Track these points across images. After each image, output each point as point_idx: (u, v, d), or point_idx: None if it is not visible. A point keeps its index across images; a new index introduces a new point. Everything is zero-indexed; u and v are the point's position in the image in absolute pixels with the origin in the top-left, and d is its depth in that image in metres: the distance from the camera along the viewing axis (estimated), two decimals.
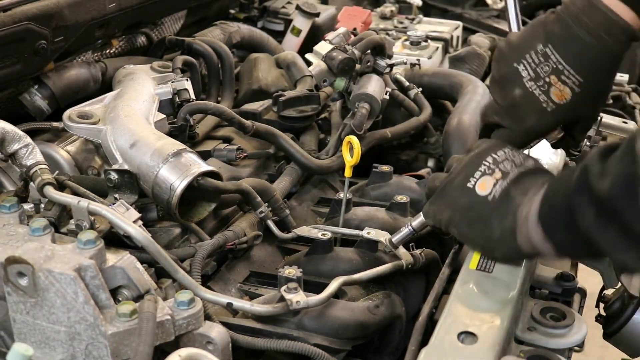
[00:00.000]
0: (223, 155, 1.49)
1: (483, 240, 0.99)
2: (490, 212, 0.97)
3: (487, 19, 2.57)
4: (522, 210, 0.94)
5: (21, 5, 1.37)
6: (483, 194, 0.99)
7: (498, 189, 0.98)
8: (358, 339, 1.14)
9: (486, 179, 0.99)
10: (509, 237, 0.95)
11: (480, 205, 0.98)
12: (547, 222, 0.91)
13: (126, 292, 1.02)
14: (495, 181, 0.98)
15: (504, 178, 0.98)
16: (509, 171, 0.99)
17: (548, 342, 1.03)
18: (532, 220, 0.92)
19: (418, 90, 1.75)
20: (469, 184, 1.00)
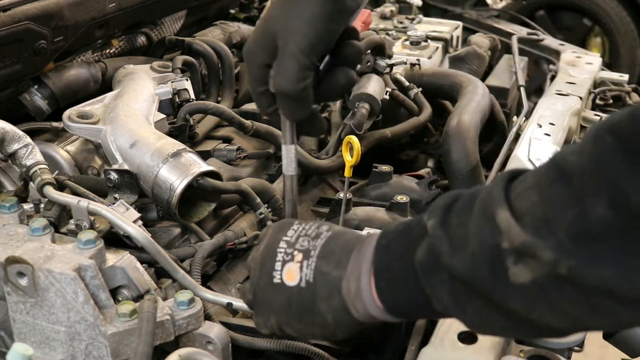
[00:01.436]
0: (223, 155, 1.49)
1: (320, 329, 0.88)
2: (311, 299, 0.86)
3: (487, 19, 2.57)
4: (349, 286, 0.83)
5: (21, 5, 1.37)
6: (294, 283, 0.87)
7: (307, 272, 0.86)
8: (358, 339, 1.14)
9: (289, 266, 0.87)
10: (344, 316, 0.85)
11: (298, 296, 0.87)
12: (388, 300, 0.81)
13: (126, 292, 1.02)
14: (299, 265, 0.87)
15: (307, 257, 0.87)
16: (308, 248, 0.88)
17: (548, 342, 1.03)
18: (367, 297, 0.82)
19: (418, 90, 1.75)
20: (274, 280, 0.88)
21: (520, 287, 0.67)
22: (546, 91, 1.80)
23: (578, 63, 1.97)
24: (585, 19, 4.56)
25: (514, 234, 0.67)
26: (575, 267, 0.63)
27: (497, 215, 0.68)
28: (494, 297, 0.70)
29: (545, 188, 0.66)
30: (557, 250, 0.64)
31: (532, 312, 0.69)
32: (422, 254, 0.77)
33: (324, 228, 0.90)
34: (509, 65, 2.12)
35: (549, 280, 0.66)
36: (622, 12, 4.42)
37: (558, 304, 0.67)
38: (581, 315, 0.67)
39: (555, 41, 2.27)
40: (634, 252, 0.61)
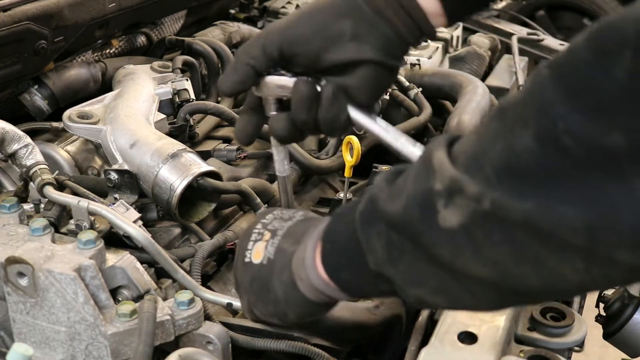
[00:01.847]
0: (223, 155, 1.49)
1: (273, 307, 0.87)
2: (268, 275, 0.86)
3: (487, 19, 2.57)
4: (297, 257, 0.83)
5: (21, 5, 1.37)
6: (258, 261, 0.87)
7: (270, 249, 0.87)
8: (358, 339, 1.14)
9: (257, 245, 0.88)
10: (292, 290, 0.84)
11: (259, 273, 0.87)
12: (329, 263, 0.80)
13: (126, 292, 1.02)
14: (265, 244, 0.87)
15: (274, 236, 0.87)
16: (277, 228, 0.88)
17: (548, 342, 1.03)
18: (309, 263, 0.81)
19: (418, 90, 1.75)
20: (245, 259, 0.89)
21: (449, 231, 0.65)
22: None
23: None
24: (585, 19, 4.56)
25: (445, 172, 0.65)
26: (498, 200, 0.60)
27: (433, 156, 0.67)
28: (423, 242, 0.68)
29: (483, 126, 0.65)
30: (482, 185, 0.62)
31: (457, 258, 0.66)
32: (362, 205, 0.75)
33: (299, 213, 0.91)
34: (509, 66, 2.12)
35: (474, 221, 0.63)
36: None
37: (484, 247, 0.64)
38: (506, 259, 0.63)
39: (555, 41, 2.27)
40: (556, 184, 0.58)
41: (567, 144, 0.57)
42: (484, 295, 0.69)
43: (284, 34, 0.91)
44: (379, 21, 0.88)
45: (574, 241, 0.58)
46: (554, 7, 4.59)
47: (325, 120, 0.92)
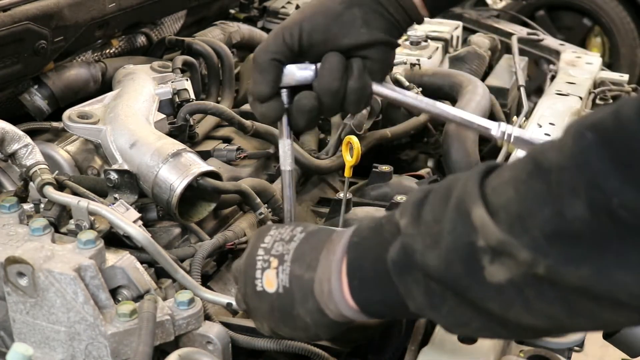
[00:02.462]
0: (223, 155, 1.49)
1: (303, 332, 0.88)
2: (289, 304, 0.86)
3: (487, 19, 2.57)
4: (321, 288, 0.83)
5: (21, 5, 1.37)
6: (272, 290, 0.87)
7: (283, 277, 0.86)
8: (358, 339, 1.14)
9: (267, 273, 0.88)
10: (320, 317, 0.85)
11: (278, 303, 0.87)
12: (361, 299, 0.81)
13: (126, 292, 1.02)
14: (276, 271, 0.87)
15: (282, 262, 0.87)
16: (282, 252, 0.88)
17: (548, 342, 1.03)
18: (338, 297, 0.82)
19: (418, 90, 1.75)
20: (257, 288, 0.88)
21: (497, 286, 0.66)
22: (546, 91, 1.80)
23: (578, 63, 1.97)
24: (585, 19, 4.56)
25: (490, 232, 0.65)
26: (553, 267, 0.62)
27: (472, 211, 0.67)
28: (469, 296, 0.69)
29: (522, 183, 0.65)
30: (534, 250, 0.63)
31: (508, 312, 0.68)
32: (394, 253, 0.75)
33: (298, 230, 0.90)
34: (509, 65, 2.12)
35: (526, 280, 0.64)
36: (622, 12, 4.42)
37: (535, 303, 0.66)
38: (559, 315, 0.66)
39: (555, 41, 2.27)
40: (612, 252, 0.60)
41: (622, 216, 0.58)
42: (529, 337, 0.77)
43: (302, 25, 1.00)
44: (382, 9, 1.01)
45: (632, 303, 0.61)
46: (554, 7, 4.60)
47: (355, 90, 1.01)
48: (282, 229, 0.91)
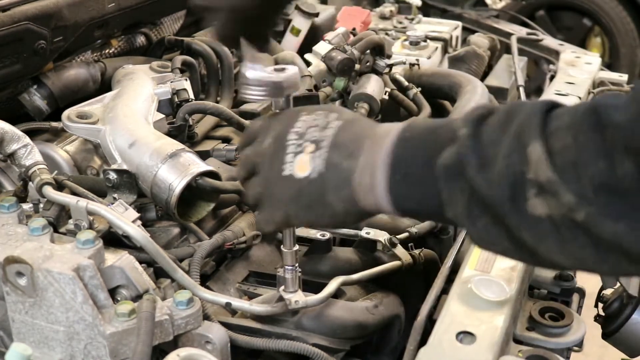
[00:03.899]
0: (222, 155, 1.49)
1: (329, 218, 0.88)
2: (321, 189, 0.85)
3: (486, 19, 2.57)
4: (361, 179, 0.83)
5: (20, 5, 1.37)
6: (304, 175, 0.85)
7: (319, 162, 0.85)
8: (357, 339, 1.14)
9: (300, 158, 0.86)
10: (353, 206, 0.85)
11: (308, 188, 0.86)
12: (398, 193, 0.81)
13: (125, 292, 1.02)
14: (311, 157, 0.85)
15: (319, 148, 0.85)
16: (319, 138, 0.86)
17: (547, 342, 1.03)
18: (380, 190, 0.81)
19: (417, 90, 1.76)
20: (284, 172, 0.87)
21: (535, 218, 0.69)
22: (545, 91, 1.80)
23: (577, 63, 1.97)
24: (585, 19, 4.57)
25: (542, 169, 0.68)
26: (592, 216, 0.65)
27: (530, 145, 0.69)
28: (508, 221, 0.71)
29: (581, 133, 0.67)
30: (579, 196, 0.66)
31: (539, 245, 0.71)
32: (448, 159, 0.76)
33: (332, 116, 0.88)
34: (508, 66, 2.12)
35: (563, 221, 0.67)
36: (622, 12, 4.42)
37: (568, 244, 0.69)
38: (587, 258, 0.69)
39: (554, 41, 2.27)
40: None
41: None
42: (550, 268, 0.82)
43: None
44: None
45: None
46: (554, 7, 4.60)
47: None
48: (314, 114, 0.90)
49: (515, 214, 0.70)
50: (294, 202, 0.88)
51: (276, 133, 0.90)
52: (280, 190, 0.88)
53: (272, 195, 0.90)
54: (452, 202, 0.76)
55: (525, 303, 1.10)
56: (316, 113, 0.90)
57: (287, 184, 0.87)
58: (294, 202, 0.88)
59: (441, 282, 1.11)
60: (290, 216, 0.90)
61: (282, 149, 0.88)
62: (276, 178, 0.88)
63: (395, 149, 0.81)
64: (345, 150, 0.84)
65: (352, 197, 0.84)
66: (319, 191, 0.85)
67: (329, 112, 0.89)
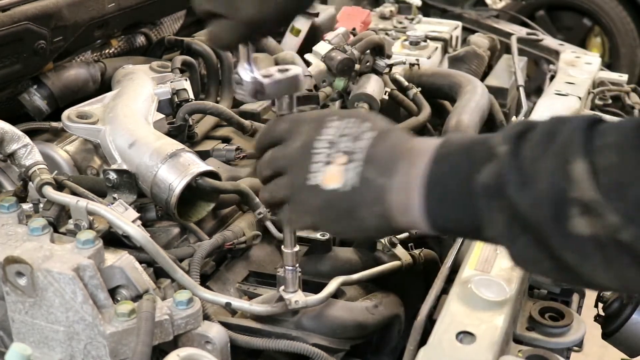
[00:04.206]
0: (222, 155, 1.49)
1: (361, 232, 0.88)
2: (352, 203, 0.83)
3: (486, 19, 2.57)
4: (398, 197, 0.81)
5: (20, 5, 1.37)
6: (334, 187, 0.83)
7: (352, 176, 0.82)
8: (357, 339, 1.14)
9: (331, 169, 0.84)
10: (385, 223, 0.83)
11: (339, 201, 0.84)
12: (435, 213, 0.80)
13: (125, 292, 1.02)
14: (343, 169, 0.83)
15: (352, 160, 0.83)
16: (352, 150, 0.83)
17: (547, 342, 1.03)
18: (416, 210, 0.80)
19: (417, 90, 1.75)
20: (309, 182, 0.85)
21: (579, 238, 0.68)
22: (545, 91, 1.80)
23: (577, 63, 1.97)
24: (585, 19, 4.57)
25: (586, 188, 0.66)
26: (637, 236, 0.64)
27: (574, 163, 0.68)
28: (549, 241, 0.70)
29: (627, 151, 0.66)
30: (624, 216, 0.64)
31: (582, 266, 0.69)
32: (487, 177, 0.74)
33: (366, 126, 0.85)
34: (508, 65, 2.12)
35: (608, 241, 0.66)
36: (622, 12, 4.42)
37: (612, 265, 0.68)
38: (632, 279, 0.68)
39: (554, 41, 2.27)
40: None
41: None
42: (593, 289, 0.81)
43: None
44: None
45: None
46: (554, 7, 4.60)
47: None
48: (346, 121, 0.86)
49: (557, 234, 0.69)
50: (322, 212, 0.86)
51: (305, 138, 0.87)
52: (309, 199, 0.86)
53: (300, 201, 0.88)
54: (492, 221, 0.74)
55: (525, 303, 1.10)
56: (348, 120, 0.87)
57: (313, 194, 0.85)
58: (322, 213, 0.86)
59: (441, 282, 1.11)
60: (319, 224, 0.89)
61: (309, 157, 0.86)
62: (304, 186, 0.86)
63: (432, 168, 0.79)
64: (380, 165, 0.82)
65: (386, 215, 0.82)
66: (350, 205, 0.84)
67: (361, 120, 0.86)
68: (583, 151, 0.68)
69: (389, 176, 0.82)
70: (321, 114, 0.90)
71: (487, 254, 1.07)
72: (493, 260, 1.06)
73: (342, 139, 0.85)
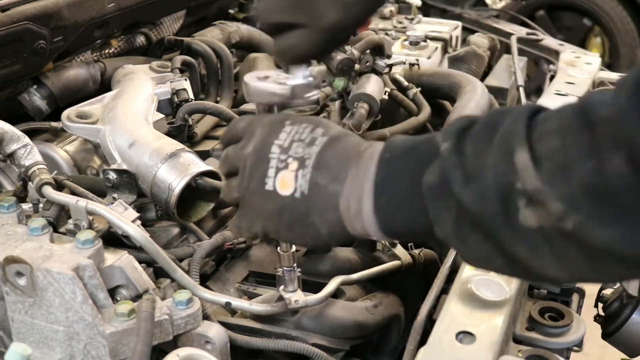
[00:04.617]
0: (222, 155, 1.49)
1: (312, 240, 0.86)
2: (305, 210, 0.82)
3: (486, 19, 2.57)
4: (348, 204, 0.80)
5: (20, 5, 1.37)
6: (287, 193, 0.83)
7: (302, 182, 0.82)
8: (356, 339, 1.14)
9: (284, 174, 0.83)
10: (339, 229, 0.82)
11: (290, 206, 0.83)
12: (385, 217, 0.79)
13: (124, 292, 1.02)
14: (294, 174, 0.82)
15: (302, 166, 0.82)
16: (303, 156, 0.83)
17: (546, 342, 1.03)
18: (367, 217, 0.79)
19: (417, 90, 1.75)
20: (266, 187, 0.84)
21: (527, 230, 0.66)
22: (545, 91, 1.80)
23: (577, 63, 1.97)
24: (585, 19, 4.57)
25: (529, 177, 0.64)
26: (582, 224, 0.62)
27: (517, 153, 0.66)
28: (499, 236, 0.68)
29: (568, 135, 0.64)
30: (567, 203, 0.62)
31: (533, 259, 0.68)
32: (431, 177, 0.73)
33: (319, 132, 0.85)
34: (508, 66, 2.12)
35: (554, 232, 0.64)
36: (622, 12, 4.42)
37: (560, 256, 0.66)
38: (582, 269, 0.66)
39: (554, 41, 2.27)
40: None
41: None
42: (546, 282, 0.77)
43: None
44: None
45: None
46: (554, 7, 4.60)
47: None
48: (299, 126, 0.86)
49: (507, 228, 0.67)
50: (275, 218, 0.85)
51: (258, 142, 0.86)
52: (260, 204, 0.85)
53: (250, 205, 0.87)
54: (440, 221, 0.73)
55: (525, 303, 1.10)
56: (302, 125, 0.86)
57: (267, 199, 0.84)
58: (275, 219, 0.85)
59: (441, 282, 1.11)
60: (269, 232, 0.88)
61: (263, 162, 0.85)
62: (256, 190, 0.85)
63: (378, 172, 0.79)
64: (330, 172, 0.82)
65: (338, 221, 0.82)
66: (302, 212, 0.83)
67: (315, 125, 0.86)
68: (524, 140, 0.66)
69: (340, 182, 0.81)
70: (276, 118, 0.89)
71: None
72: None
73: (295, 144, 0.84)
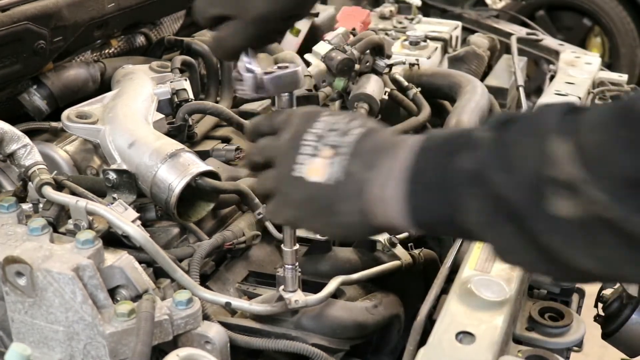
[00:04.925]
0: (222, 155, 1.49)
1: (338, 229, 0.86)
2: (333, 198, 0.82)
3: (486, 19, 2.57)
4: (378, 191, 0.80)
5: (20, 5, 1.37)
6: (317, 180, 0.83)
7: (337, 170, 0.82)
8: (356, 339, 1.14)
9: (315, 161, 0.83)
10: (363, 219, 0.82)
11: (320, 195, 0.83)
12: (415, 205, 0.77)
13: (124, 292, 1.02)
14: (327, 162, 0.82)
15: (337, 154, 0.82)
16: (339, 145, 0.83)
17: (546, 342, 1.03)
18: (397, 203, 0.78)
19: (417, 90, 1.75)
20: (294, 173, 0.84)
21: (561, 220, 0.65)
22: (545, 91, 1.80)
23: (577, 63, 1.97)
24: (585, 19, 4.57)
25: (566, 167, 0.64)
26: (626, 213, 0.62)
27: (556, 145, 0.66)
28: (530, 225, 0.68)
29: (609, 128, 0.64)
30: (610, 194, 0.62)
31: (564, 250, 0.67)
32: (467, 162, 0.72)
33: (355, 123, 0.85)
34: (508, 66, 2.12)
35: (593, 221, 0.64)
36: (622, 12, 4.42)
37: (597, 245, 0.65)
38: (617, 261, 0.65)
39: (554, 41, 2.27)
40: None
41: None
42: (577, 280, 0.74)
43: None
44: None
45: None
46: (554, 7, 4.60)
47: None
48: (336, 116, 0.86)
49: (540, 217, 0.67)
50: (303, 205, 0.85)
51: (294, 130, 0.87)
52: (292, 191, 0.86)
53: (284, 193, 0.87)
54: (471, 210, 0.72)
55: (525, 303, 1.10)
56: (339, 116, 0.87)
57: (296, 186, 0.85)
58: (303, 206, 0.85)
59: (441, 282, 1.11)
60: (298, 219, 0.88)
61: (296, 148, 0.85)
62: (287, 177, 0.86)
63: (414, 160, 0.78)
64: (365, 160, 0.81)
65: (365, 209, 0.81)
66: (331, 199, 0.82)
67: (351, 118, 0.86)
68: (564, 132, 0.66)
69: (373, 170, 0.81)
70: (314, 109, 0.90)
71: (487, 254, 1.07)
72: (493, 260, 1.06)
73: (331, 133, 0.84)
